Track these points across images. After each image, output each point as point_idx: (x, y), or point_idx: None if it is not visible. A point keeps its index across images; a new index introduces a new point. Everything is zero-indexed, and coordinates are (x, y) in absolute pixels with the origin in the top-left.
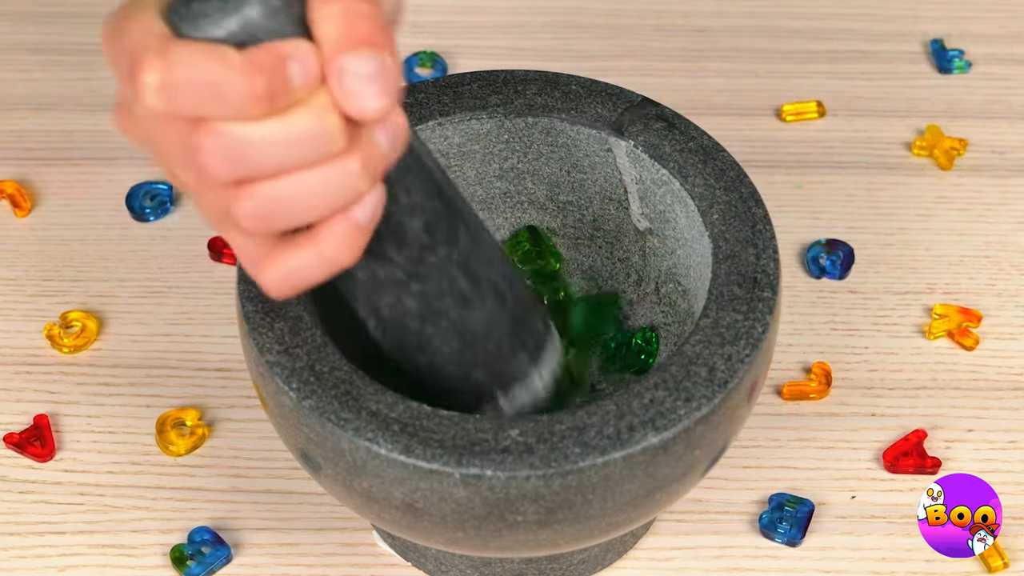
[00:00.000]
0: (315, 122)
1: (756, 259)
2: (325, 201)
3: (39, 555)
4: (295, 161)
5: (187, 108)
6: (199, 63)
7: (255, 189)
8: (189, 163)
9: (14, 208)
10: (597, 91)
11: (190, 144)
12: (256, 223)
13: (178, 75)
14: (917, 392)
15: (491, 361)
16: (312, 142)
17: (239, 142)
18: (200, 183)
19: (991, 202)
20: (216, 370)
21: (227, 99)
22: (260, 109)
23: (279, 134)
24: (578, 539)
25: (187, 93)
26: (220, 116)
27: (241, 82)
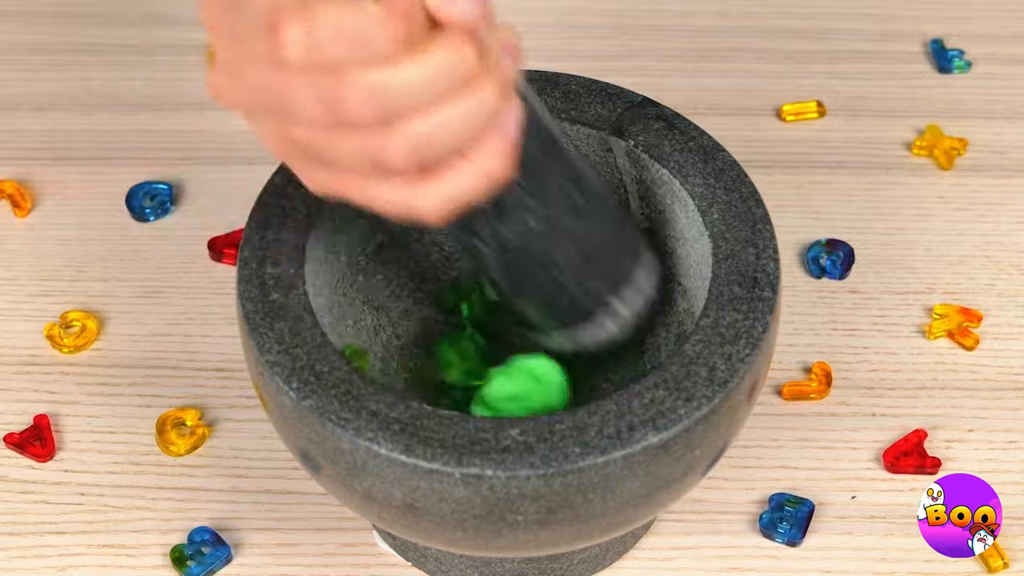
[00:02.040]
0: (452, 57)
1: (756, 259)
2: (473, 127)
3: (39, 555)
4: (437, 96)
5: (331, 59)
6: (340, 16)
7: (404, 127)
8: (329, 114)
9: (14, 208)
10: (597, 91)
11: (333, 95)
12: (409, 159)
13: (322, 29)
14: (917, 392)
15: (607, 267)
16: (451, 76)
17: (384, 86)
18: (337, 136)
19: (991, 202)
20: (216, 370)
21: (370, 47)
22: (401, 53)
23: (421, 74)
24: (578, 539)
25: (332, 45)
26: (362, 64)
27: (383, 30)
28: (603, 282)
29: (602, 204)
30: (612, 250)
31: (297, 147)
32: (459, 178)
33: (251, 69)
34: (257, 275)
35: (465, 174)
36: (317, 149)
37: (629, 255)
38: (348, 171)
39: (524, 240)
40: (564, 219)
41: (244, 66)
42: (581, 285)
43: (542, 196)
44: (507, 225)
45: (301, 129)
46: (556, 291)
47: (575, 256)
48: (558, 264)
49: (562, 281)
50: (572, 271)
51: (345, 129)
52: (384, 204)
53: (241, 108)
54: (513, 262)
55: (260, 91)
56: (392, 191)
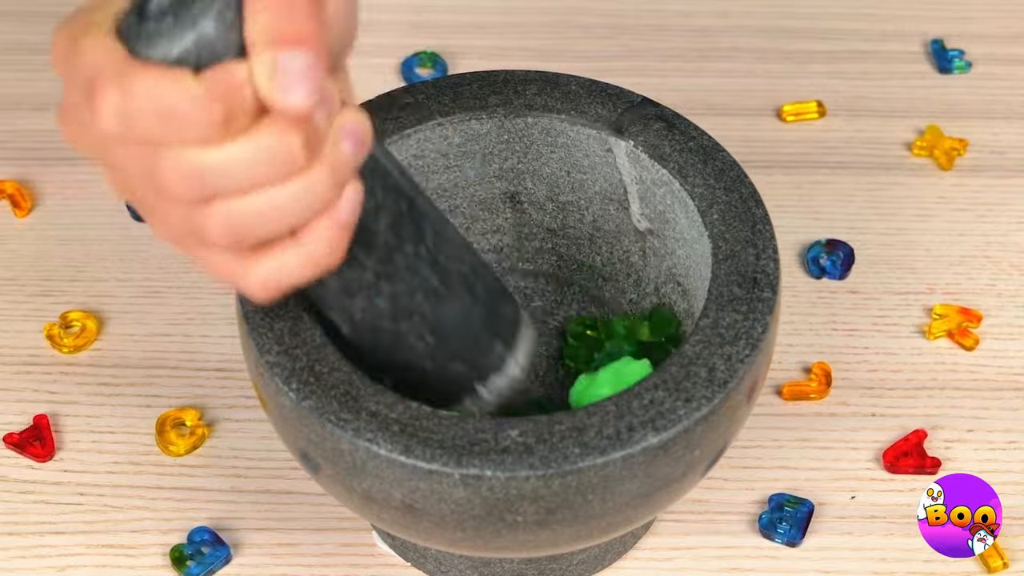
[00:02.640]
0: (275, 142)
1: (756, 259)
2: (298, 212)
3: (39, 555)
4: (260, 179)
5: (146, 134)
6: (157, 91)
7: (224, 207)
8: (149, 184)
9: (14, 208)
10: (597, 91)
11: (150, 167)
12: (229, 238)
13: (136, 103)
14: (917, 392)
15: (467, 352)
16: (275, 161)
17: (201, 166)
18: (162, 202)
19: (991, 202)
20: (216, 370)
21: (186, 126)
22: (218, 135)
23: (240, 156)
24: (578, 539)
25: (146, 120)
26: (179, 142)
27: (200, 110)
28: (467, 368)
29: (466, 289)
30: (478, 335)
31: (138, 201)
32: (284, 259)
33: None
34: None
35: (290, 256)
36: (150, 209)
37: (500, 339)
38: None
39: (373, 319)
40: (416, 301)
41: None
42: (443, 371)
43: (390, 277)
44: (355, 303)
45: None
46: (411, 373)
47: (429, 339)
48: (411, 346)
49: (417, 363)
50: (427, 354)
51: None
52: (215, 272)
53: (84, 153)
54: (366, 339)
55: (95, 145)
56: (222, 262)
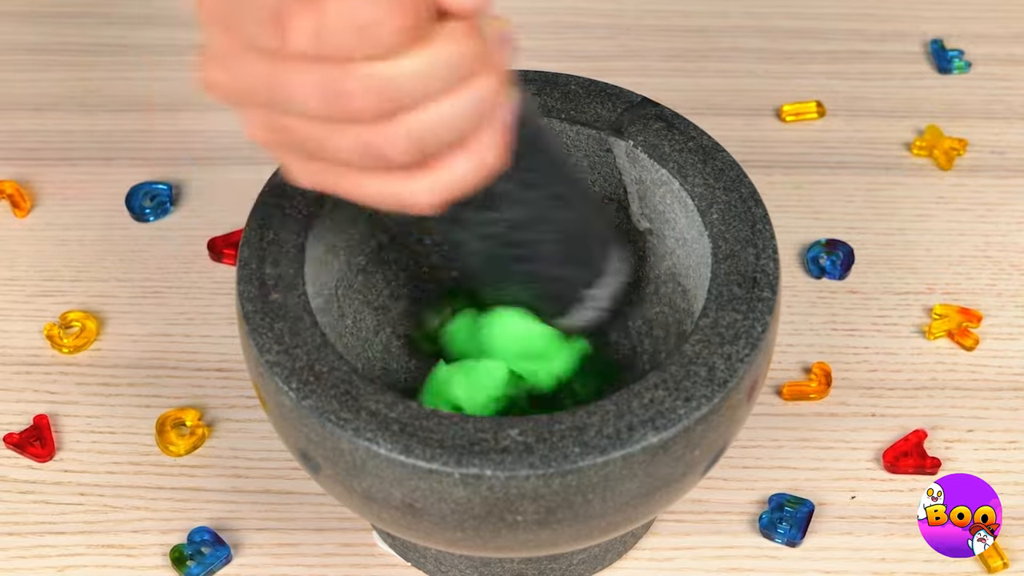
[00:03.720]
0: (457, 49)
1: (756, 259)
2: (472, 119)
3: (39, 555)
4: (440, 89)
5: (339, 49)
6: (348, 7)
7: (406, 121)
8: (329, 107)
9: (13, 208)
10: (596, 91)
11: (336, 87)
12: (408, 153)
13: (331, 18)
14: (917, 392)
15: (585, 257)
16: (454, 69)
17: (389, 79)
18: (336, 128)
19: (991, 202)
20: (216, 370)
21: (378, 38)
22: (406, 45)
23: (426, 66)
24: (578, 539)
25: (339, 35)
26: (368, 55)
27: (391, 20)
28: (581, 273)
29: (582, 194)
30: (590, 241)
31: (289, 139)
32: (455, 169)
33: (248, 60)
34: (257, 275)
35: (461, 165)
36: (312, 141)
37: (604, 245)
38: (342, 164)
39: (508, 229)
40: (547, 209)
41: (241, 57)
42: (561, 276)
43: (528, 186)
44: (492, 214)
45: (296, 121)
46: (535, 282)
47: (556, 247)
48: (539, 255)
49: (542, 272)
50: (552, 262)
51: (344, 122)
52: (376, 196)
53: (234, 100)
54: (495, 252)
55: (256, 82)
56: (386, 183)
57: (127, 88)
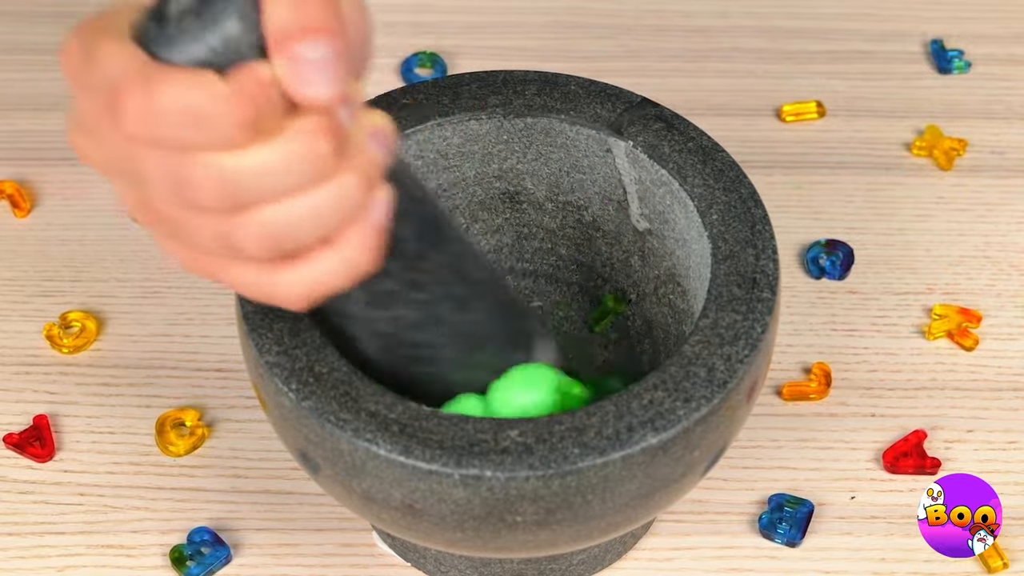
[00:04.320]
0: (306, 143)
1: (755, 259)
2: (332, 217)
3: (38, 555)
4: (294, 184)
5: (173, 138)
6: (184, 93)
7: (256, 215)
8: (175, 194)
9: (13, 208)
10: (596, 91)
11: (178, 175)
12: (264, 248)
13: (164, 105)
14: (917, 392)
15: (490, 362)
16: (304, 164)
17: (232, 171)
18: (189, 216)
19: (991, 202)
20: (215, 370)
21: (215, 129)
22: (248, 138)
23: (271, 160)
24: (577, 540)
25: (173, 124)
26: (207, 146)
27: (229, 111)
28: (485, 374)
29: (487, 295)
30: (496, 343)
31: (154, 217)
32: (320, 266)
33: (106, 130)
34: None
35: (326, 262)
36: (172, 224)
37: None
38: (202, 250)
39: (397, 328)
40: (442, 310)
41: (99, 125)
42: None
43: (416, 284)
44: (378, 312)
45: (155, 200)
46: (433, 384)
47: (453, 348)
48: (437, 357)
49: (441, 374)
50: (453, 365)
51: (195, 209)
52: (243, 287)
53: (97, 167)
54: (386, 349)
55: (114, 156)
56: (250, 275)
57: None
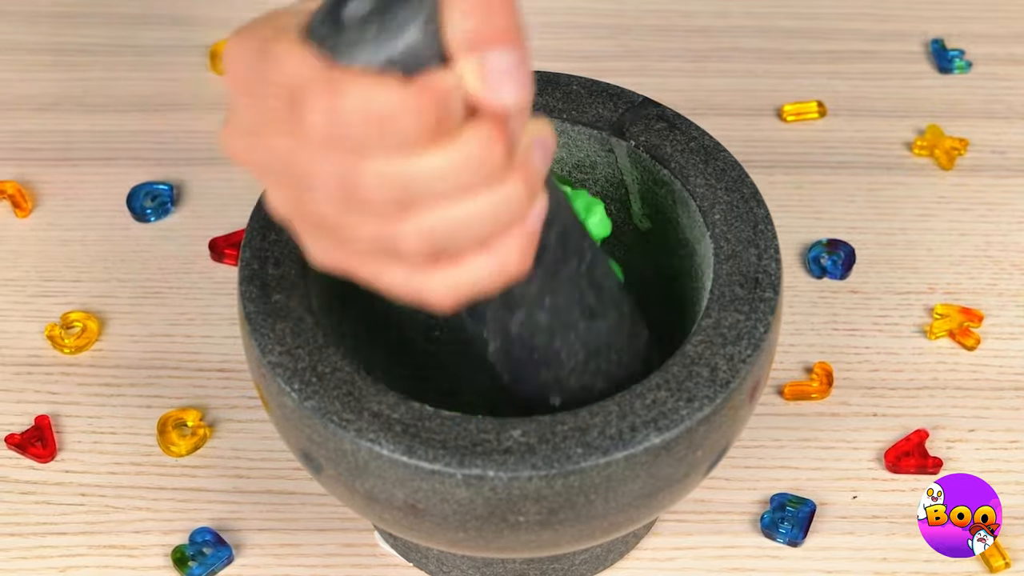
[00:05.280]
0: (482, 150)
1: (758, 259)
2: (494, 223)
3: (40, 556)
4: (462, 188)
5: (354, 140)
6: (371, 96)
7: (422, 217)
8: (344, 195)
9: (14, 208)
10: (598, 91)
11: (351, 176)
12: (423, 249)
13: (350, 107)
14: (918, 392)
15: (613, 371)
16: (477, 170)
17: (406, 174)
18: (352, 216)
19: (992, 202)
20: (217, 371)
21: (397, 133)
22: (426, 142)
23: (446, 165)
24: (580, 539)
25: (356, 125)
26: (387, 149)
27: (412, 115)
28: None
29: (615, 307)
30: (623, 354)
31: (308, 216)
32: (474, 269)
33: (270, 132)
34: (259, 276)
35: (481, 265)
36: (329, 224)
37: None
38: (359, 250)
39: (530, 334)
40: (574, 318)
41: (263, 127)
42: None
43: (554, 292)
44: (515, 317)
45: (316, 201)
46: (554, 389)
47: (580, 357)
48: (561, 362)
49: (564, 379)
50: (577, 371)
51: (360, 210)
52: (391, 286)
53: (255, 169)
54: (516, 353)
55: (277, 158)
56: (401, 274)
57: (127, 88)
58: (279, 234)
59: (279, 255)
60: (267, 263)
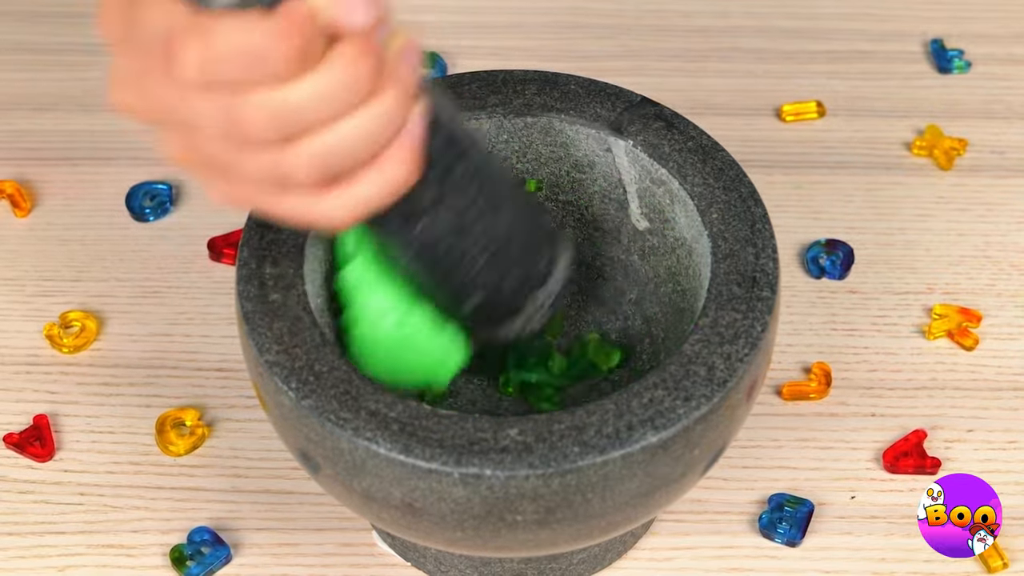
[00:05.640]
0: (350, 69)
1: (755, 258)
2: (378, 136)
3: (39, 555)
4: (340, 108)
5: (229, 80)
6: (238, 35)
7: (306, 144)
8: (229, 133)
9: (14, 208)
10: (596, 91)
11: (232, 113)
12: (312, 174)
13: (220, 49)
14: (917, 392)
15: (520, 264)
16: (350, 89)
17: (282, 105)
18: (241, 152)
19: (991, 202)
20: (215, 370)
21: (267, 65)
22: (297, 70)
23: (319, 89)
24: (577, 539)
25: (229, 65)
26: (261, 83)
27: (279, 47)
28: (516, 280)
29: (512, 201)
30: (524, 246)
31: (201, 159)
32: (363, 186)
33: (152, 82)
34: (256, 275)
35: (369, 181)
36: (221, 163)
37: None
38: (252, 184)
39: (432, 238)
40: (472, 216)
41: (145, 78)
42: (496, 284)
43: (448, 194)
44: (413, 224)
45: (205, 143)
46: (471, 290)
47: (486, 253)
48: (473, 260)
49: (477, 280)
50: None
51: (247, 146)
52: (291, 214)
53: (145, 120)
54: (424, 258)
55: (162, 105)
56: (299, 202)
57: None
58: (277, 233)
59: (276, 254)
60: (265, 262)
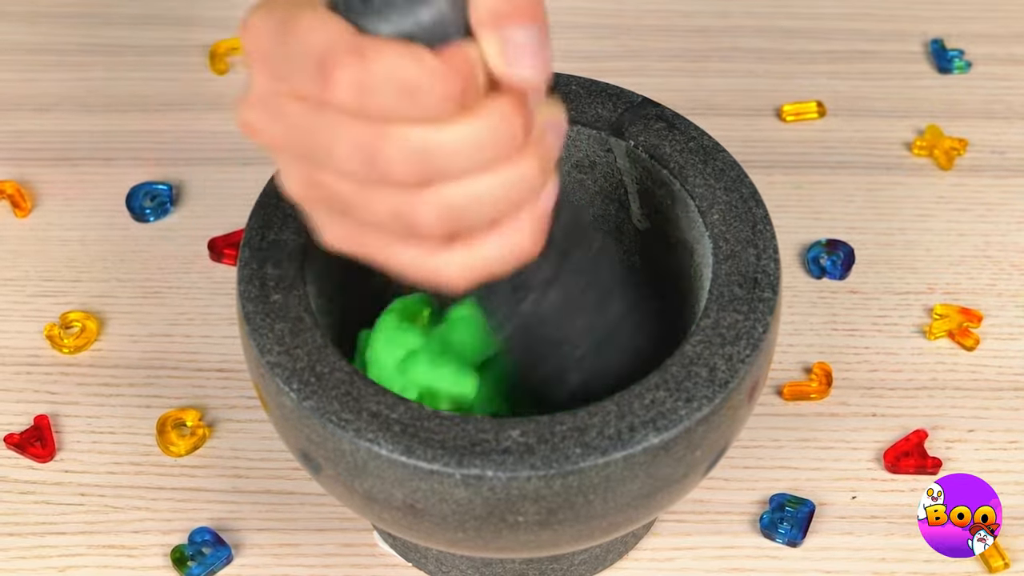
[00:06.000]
0: (502, 124)
1: (756, 259)
2: (510, 200)
3: (39, 556)
4: (481, 162)
5: (380, 108)
6: (399, 64)
7: (440, 192)
8: (365, 166)
9: (14, 208)
10: (597, 91)
11: (373, 146)
12: (439, 225)
13: (377, 75)
14: (918, 392)
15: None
16: (497, 145)
17: (428, 145)
18: (370, 190)
19: (991, 202)
20: (216, 370)
21: (424, 101)
22: (451, 112)
23: (468, 138)
24: (579, 540)
25: (383, 93)
26: (413, 118)
27: (438, 85)
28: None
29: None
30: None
31: (323, 195)
32: (487, 249)
33: (290, 107)
34: (258, 275)
35: (493, 244)
36: (344, 200)
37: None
38: (372, 228)
39: (540, 318)
40: (584, 302)
41: (283, 102)
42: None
43: (562, 277)
44: (526, 300)
45: (332, 177)
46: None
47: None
48: (572, 347)
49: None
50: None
51: (378, 183)
52: (404, 266)
53: (270, 145)
54: (527, 339)
55: (296, 131)
56: (415, 254)
57: (127, 88)
58: (278, 234)
59: (278, 255)
60: (266, 263)
